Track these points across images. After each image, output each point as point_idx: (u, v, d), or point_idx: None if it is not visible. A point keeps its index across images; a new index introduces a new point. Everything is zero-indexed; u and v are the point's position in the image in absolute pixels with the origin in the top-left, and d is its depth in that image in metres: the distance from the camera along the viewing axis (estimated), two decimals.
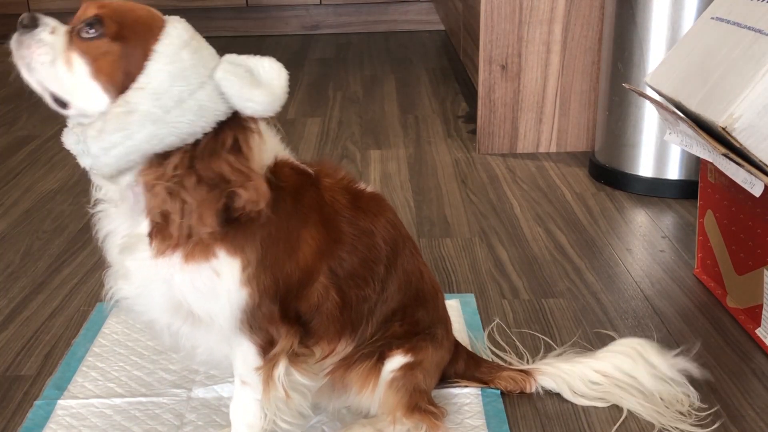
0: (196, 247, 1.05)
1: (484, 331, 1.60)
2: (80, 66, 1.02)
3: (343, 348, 1.21)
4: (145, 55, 1.01)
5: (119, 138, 1.01)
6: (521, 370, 1.43)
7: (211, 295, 1.08)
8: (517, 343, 1.57)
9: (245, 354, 1.14)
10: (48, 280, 1.91)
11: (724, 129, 1.36)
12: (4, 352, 1.61)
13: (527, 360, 1.49)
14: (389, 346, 1.25)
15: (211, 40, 1.08)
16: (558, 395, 1.41)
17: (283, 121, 3.06)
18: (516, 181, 2.46)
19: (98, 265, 1.98)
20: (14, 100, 3.50)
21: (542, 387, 1.42)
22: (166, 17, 1.07)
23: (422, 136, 2.92)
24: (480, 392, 1.43)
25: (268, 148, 1.11)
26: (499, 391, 1.42)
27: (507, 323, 1.65)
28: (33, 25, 1.03)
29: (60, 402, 1.43)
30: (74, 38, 1.03)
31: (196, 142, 1.03)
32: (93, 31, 1.02)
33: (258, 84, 1.02)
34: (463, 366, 1.42)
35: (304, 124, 3.06)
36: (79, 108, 1.04)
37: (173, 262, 1.06)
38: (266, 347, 1.13)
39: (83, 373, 1.52)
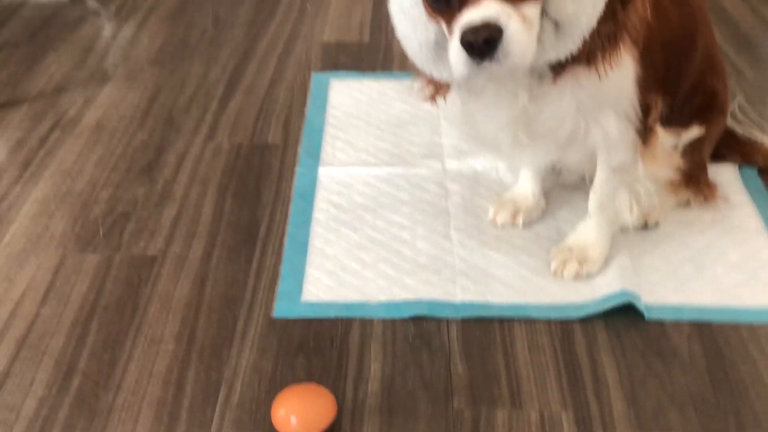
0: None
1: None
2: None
3: (660, 108, 1.21)
4: None
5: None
6: None
7: (616, 84, 1.07)
8: (760, 120, 1.56)
9: (625, 135, 1.13)
10: (252, 48, 1.90)
11: None
12: (242, 121, 1.63)
13: None
14: (689, 118, 1.25)
15: None
16: None
17: None
18: None
19: (293, 35, 1.96)
20: None
21: None
22: None
23: None
24: (737, 169, 1.44)
25: None
26: (756, 169, 1.44)
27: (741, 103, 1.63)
28: (498, 34, 0.90)
29: (321, 169, 1.47)
30: None
31: None
32: None
33: None
34: (724, 138, 1.42)
35: None
36: None
37: (588, 75, 1.03)
38: (643, 120, 1.13)
39: (329, 143, 1.55)
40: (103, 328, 1.17)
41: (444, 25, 0.96)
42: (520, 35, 0.91)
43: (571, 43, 0.97)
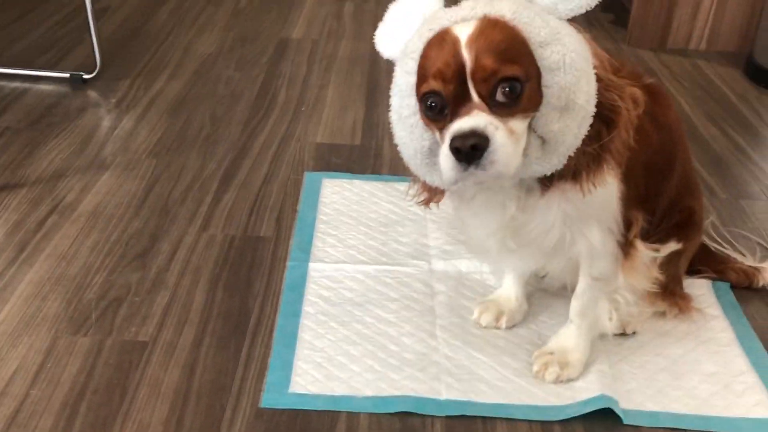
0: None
1: None
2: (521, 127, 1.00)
3: (641, 223, 1.26)
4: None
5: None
6: (751, 266, 1.51)
7: (600, 200, 1.13)
8: (731, 240, 1.63)
9: (607, 247, 1.19)
10: (247, 145, 1.97)
11: None
12: (236, 214, 1.69)
13: (758, 258, 1.56)
14: (667, 234, 1.32)
15: None
16: None
17: None
18: (676, 78, 2.47)
19: (288, 135, 2.04)
20: None
21: None
22: None
23: None
24: (711, 284, 1.50)
25: None
26: (729, 284, 1.50)
27: (713, 222, 1.71)
28: (485, 142, 0.96)
29: (311, 264, 1.52)
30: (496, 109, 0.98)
31: None
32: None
33: None
34: (699, 253, 1.49)
35: None
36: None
37: (574, 190, 1.09)
38: (624, 234, 1.19)
39: (320, 239, 1.60)
40: (92, 411, 1.18)
41: (437, 133, 1.03)
42: (505, 146, 0.98)
43: (557, 160, 1.04)
